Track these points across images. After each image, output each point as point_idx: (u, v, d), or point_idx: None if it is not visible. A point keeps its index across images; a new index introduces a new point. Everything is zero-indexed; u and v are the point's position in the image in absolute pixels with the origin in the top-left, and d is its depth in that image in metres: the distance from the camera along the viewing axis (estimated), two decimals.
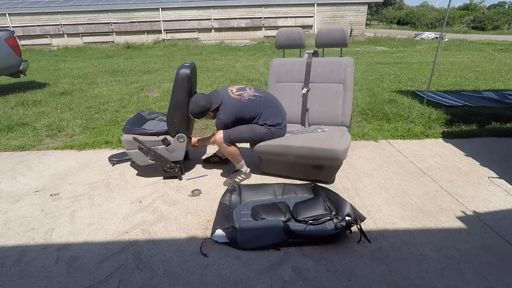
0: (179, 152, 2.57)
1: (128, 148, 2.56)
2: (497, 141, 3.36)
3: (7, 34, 5.90)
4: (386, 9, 47.17)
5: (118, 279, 1.62)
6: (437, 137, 3.49)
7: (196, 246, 1.85)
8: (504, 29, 28.48)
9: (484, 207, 2.18)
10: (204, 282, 1.60)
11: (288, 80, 2.80)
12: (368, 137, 3.51)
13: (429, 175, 2.64)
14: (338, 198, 2.14)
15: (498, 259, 1.71)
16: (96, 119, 4.25)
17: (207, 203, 2.30)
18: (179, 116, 2.46)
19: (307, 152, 2.33)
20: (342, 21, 17.02)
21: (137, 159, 2.60)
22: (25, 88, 6.24)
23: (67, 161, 3.06)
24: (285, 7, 16.78)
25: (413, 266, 1.67)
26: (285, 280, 1.60)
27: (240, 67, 8.52)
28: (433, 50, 12.10)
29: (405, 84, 6.12)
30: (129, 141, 2.53)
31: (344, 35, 2.58)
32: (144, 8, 16.65)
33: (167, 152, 2.55)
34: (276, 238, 1.85)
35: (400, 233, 1.93)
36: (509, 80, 6.38)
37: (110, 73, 8.09)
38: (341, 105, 2.62)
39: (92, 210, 2.24)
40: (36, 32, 16.50)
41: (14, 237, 1.96)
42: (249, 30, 17.08)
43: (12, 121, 4.14)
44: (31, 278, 1.64)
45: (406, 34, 20.33)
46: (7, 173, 2.83)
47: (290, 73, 2.79)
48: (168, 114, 2.47)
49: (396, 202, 2.27)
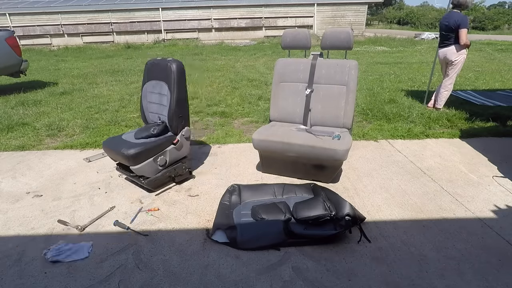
0: (186, 147, 2.56)
1: (136, 163, 2.27)
2: (497, 141, 3.36)
3: (7, 34, 5.90)
4: (386, 9, 47.17)
5: (118, 279, 1.62)
6: (437, 137, 3.49)
7: (196, 246, 1.85)
8: (504, 29, 28.51)
9: (484, 207, 2.18)
10: (204, 282, 1.60)
11: (292, 80, 2.80)
12: (368, 137, 3.51)
13: (429, 175, 2.64)
14: (338, 198, 2.14)
15: (498, 259, 1.71)
16: (96, 119, 4.25)
17: (207, 203, 2.30)
18: (184, 110, 2.47)
19: (308, 151, 2.33)
20: (342, 21, 17.02)
21: (148, 171, 2.34)
22: (25, 88, 6.24)
23: (67, 161, 3.06)
24: (285, 7, 16.78)
25: (413, 266, 1.67)
26: (285, 280, 1.60)
27: (240, 67, 8.52)
28: (433, 50, 12.10)
29: (405, 84, 6.12)
30: (134, 155, 2.22)
31: (350, 38, 2.58)
32: (144, 8, 16.65)
33: (177, 151, 2.50)
34: (276, 238, 1.85)
35: (400, 233, 1.93)
36: (509, 80, 6.38)
37: (110, 73, 8.09)
38: (344, 107, 2.62)
39: (92, 210, 2.24)
40: (36, 32, 16.50)
41: (14, 237, 1.97)
42: (249, 30, 17.08)
43: (12, 121, 4.14)
44: (31, 278, 1.64)
45: (406, 34, 20.33)
46: (7, 173, 2.83)
47: (295, 73, 2.79)
48: (174, 112, 2.42)
49: (396, 202, 2.27)
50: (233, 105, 4.83)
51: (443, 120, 3.90)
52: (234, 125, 4.02)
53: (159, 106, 2.55)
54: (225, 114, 4.37)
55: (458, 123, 3.85)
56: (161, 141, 2.39)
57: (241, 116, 4.34)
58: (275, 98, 2.85)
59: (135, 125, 3.95)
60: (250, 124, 4.06)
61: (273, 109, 2.86)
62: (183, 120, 2.48)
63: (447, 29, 3.95)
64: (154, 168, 2.35)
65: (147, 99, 2.64)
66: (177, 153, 2.51)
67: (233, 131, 3.76)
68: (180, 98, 2.43)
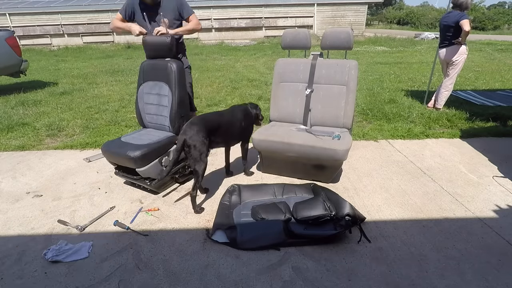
0: None
1: (142, 165, 2.23)
2: (497, 141, 3.36)
3: (7, 34, 5.91)
4: (386, 9, 47.18)
5: (118, 279, 1.62)
6: (437, 137, 3.49)
7: (196, 246, 1.85)
8: (504, 29, 28.52)
9: (484, 207, 2.18)
10: (204, 282, 1.60)
11: (292, 80, 2.80)
12: (368, 137, 3.51)
13: (429, 175, 2.64)
14: (338, 198, 2.13)
15: (498, 259, 1.71)
16: (96, 119, 4.25)
17: (207, 203, 2.30)
18: (185, 110, 2.48)
19: (308, 151, 2.33)
20: (342, 21, 17.01)
21: (154, 173, 2.32)
22: (25, 88, 6.24)
23: (67, 161, 3.05)
24: (285, 7, 16.78)
25: (413, 266, 1.67)
26: (285, 280, 1.60)
27: (240, 67, 8.52)
28: (433, 50, 12.09)
29: (405, 84, 6.12)
30: (140, 157, 2.19)
31: (350, 38, 2.57)
32: None
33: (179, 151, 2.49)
34: (276, 238, 1.85)
35: (400, 233, 1.93)
36: (509, 80, 6.38)
37: (110, 73, 8.09)
38: (343, 107, 2.62)
39: (92, 210, 2.24)
40: (36, 32, 16.49)
41: (14, 237, 1.97)
42: (249, 30, 17.07)
43: (12, 121, 4.14)
44: (31, 278, 1.64)
45: (406, 34, 20.33)
46: (7, 173, 2.83)
47: (295, 73, 2.79)
48: (176, 112, 2.43)
49: (396, 202, 2.27)
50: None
51: (443, 120, 3.90)
52: None
53: (158, 107, 2.54)
54: None
55: (458, 123, 3.85)
56: (165, 142, 2.39)
57: None
58: (275, 98, 2.85)
59: (135, 125, 3.95)
60: None
61: (273, 109, 2.86)
62: (184, 120, 2.47)
63: (447, 29, 3.95)
64: (159, 169, 2.33)
65: (143, 101, 2.62)
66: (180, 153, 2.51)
67: None
68: (181, 98, 2.44)
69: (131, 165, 2.24)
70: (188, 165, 2.55)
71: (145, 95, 2.60)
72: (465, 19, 3.75)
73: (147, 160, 2.24)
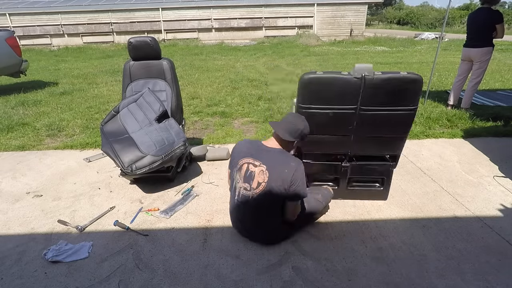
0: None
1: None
2: (497, 141, 3.36)
3: (7, 34, 5.90)
4: (386, 9, 47.17)
5: (118, 279, 1.62)
6: (437, 137, 3.49)
7: (196, 246, 1.85)
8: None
9: (484, 207, 2.18)
10: (204, 282, 1.60)
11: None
12: None
13: (429, 175, 2.64)
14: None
15: (498, 259, 1.71)
16: (96, 119, 4.25)
17: (207, 203, 2.30)
18: (181, 103, 2.81)
19: None
20: (342, 21, 16.99)
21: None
22: (25, 88, 6.24)
23: (67, 161, 3.05)
24: (285, 7, 16.75)
25: (413, 266, 1.67)
26: (285, 280, 1.60)
27: (240, 67, 8.52)
28: (433, 50, 12.10)
29: None
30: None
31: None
32: (144, 8, 16.63)
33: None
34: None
35: (400, 233, 1.93)
36: (509, 80, 6.38)
37: (110, 73, 8.09)
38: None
39: (92, 210, 2.24)
40: (36, 32, 16.48)
41: (14, 237, 1.97)
42: (249, 30, 17.05)
43: (12, 121, 4.14)
44: (31, 278, 1.64)
45: (406, 34, 20.32)
46: (7, 173, 2.83)
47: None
48: (176, 105, 2.69)
49: (396, 202, 2.27)
50: (233, 105, 4.83)
51: (443, 120, 3.90)
52: (234, 125, 4.02)
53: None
54: (225, 114, 4.37)
55: (458, 123, 3.84)
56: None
57: (241, 116, 4.34)
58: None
59: None
60: (250, 124, 4.05)
61: None
62: (182, 111, 2.79)
63: (476, 28, 3.77)
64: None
65: None
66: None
67: (233, 131, 3.76)
68: (178, 91, 2.76)
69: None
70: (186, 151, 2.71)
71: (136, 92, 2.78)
72: (500, 23, 3.63)
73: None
